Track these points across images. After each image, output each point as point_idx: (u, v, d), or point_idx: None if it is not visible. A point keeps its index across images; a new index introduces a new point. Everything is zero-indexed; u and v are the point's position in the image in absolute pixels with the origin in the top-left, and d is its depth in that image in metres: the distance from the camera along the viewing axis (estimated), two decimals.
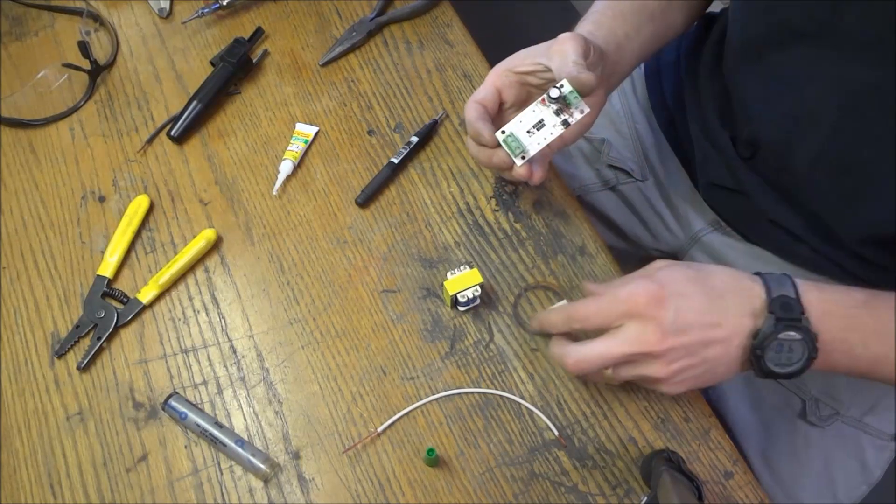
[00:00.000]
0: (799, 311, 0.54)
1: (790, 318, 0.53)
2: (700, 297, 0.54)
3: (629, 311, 0.54)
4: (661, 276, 0.55)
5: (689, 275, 0.55)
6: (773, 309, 0.54)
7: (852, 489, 0.77)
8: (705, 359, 0.55)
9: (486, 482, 0.61)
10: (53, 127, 0.80)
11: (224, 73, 0.79)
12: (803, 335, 0.53)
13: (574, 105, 0.62)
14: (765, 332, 0.54)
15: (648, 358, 0.54)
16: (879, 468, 0.77)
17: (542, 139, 0.62)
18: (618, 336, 0.54)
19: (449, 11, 0.85)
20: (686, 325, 0.53)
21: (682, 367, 0.54)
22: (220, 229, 0.73)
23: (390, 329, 0.68)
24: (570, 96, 0.61)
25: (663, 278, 0.55)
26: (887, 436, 0.76)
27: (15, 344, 0.69)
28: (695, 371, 0.55)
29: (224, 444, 0.62)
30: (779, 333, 0.53)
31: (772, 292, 0.55)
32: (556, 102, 0.62)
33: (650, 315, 0.53)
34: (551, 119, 0.62)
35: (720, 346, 0.54)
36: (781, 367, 0.54)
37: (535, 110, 0.63)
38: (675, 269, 0.56)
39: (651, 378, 0.55)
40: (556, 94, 0.61)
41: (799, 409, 0.76)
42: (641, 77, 0.91)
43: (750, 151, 0.71)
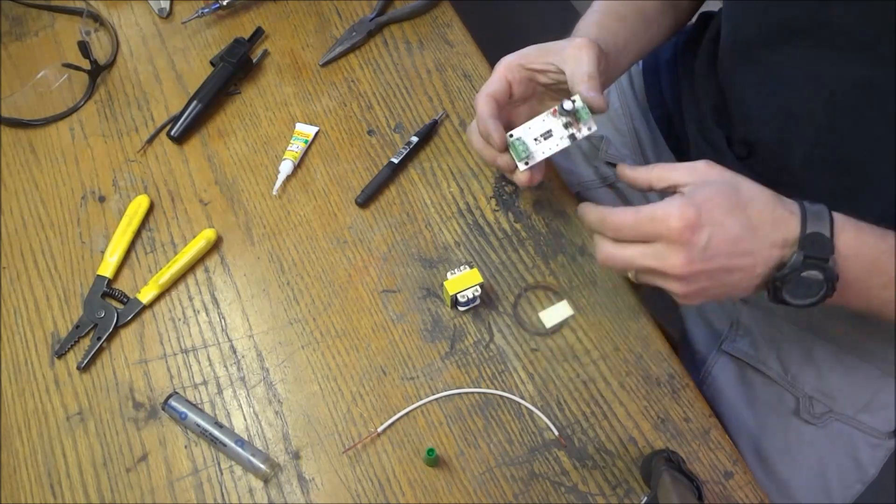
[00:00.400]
0: (829, 251, 0.54)
1: (818, 257, 0.53)
2: (735, 228, 0.54)
3: (662, 233, 0.54)
4: (700, 200, 0.54)
5: (729, 203, 0.55)
6: (803, 245, 0.54)
7: (847, 487, 0.77)
8: (724, 283, 0.55)
9: (486, 482, 0.62)
10: (53, 127, 0.80)
11: (224, 73, 0.79)
12: (825, 276, 0.53)
13: (583, 121, 0.63)
14: (791, 265, 0.54)
15: (670, 277, 0.55)
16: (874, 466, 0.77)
17: (548, 149, 0.63)
18: (648, 250, 0.55)
19: (449, 11, 0.85)
20: (715, 253, 0.53)
21: (701, 287, 0.55)
22: (220, 229, 0.73)
23: (390, 329, 0.68)
24: (581, 112, 0.62)
25: (703, 203, 0.54)
26: (881, 434, 0.76)
27: (15, 344, 0.69)
28: (713, 291, 0.56)
29: (224, 444, 0.62)
30: (803, 271, 0.53)
31: (808, 227, 0.54)
32: (567, 116, 0.63)
33: (683, 240, 0.53)
34: (559, 131, 0.63)
35: (743, 273, 0.55)
36: (796, 298, 0.55)
37: (545, 120, 0.63)
38: (718, 191, 0.55)
39: (670, 291, 0.56)
40: (569, 108, 0.62)
41: (793, 406, 0.76)
42: (640, 75, 0.91)
43: (746, 151, 0.71)
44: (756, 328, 0.78)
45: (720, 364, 0.80)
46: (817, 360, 0.75)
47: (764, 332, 0.77)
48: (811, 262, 0.53)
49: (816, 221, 0.55)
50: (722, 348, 0.79)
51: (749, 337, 0.78)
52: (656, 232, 0.54)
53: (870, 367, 0.74)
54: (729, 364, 0.79)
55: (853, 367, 0.74)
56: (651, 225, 0.54)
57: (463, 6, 0.88)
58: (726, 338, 0.79)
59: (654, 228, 0.54)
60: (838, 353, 0.74)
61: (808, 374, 0.75)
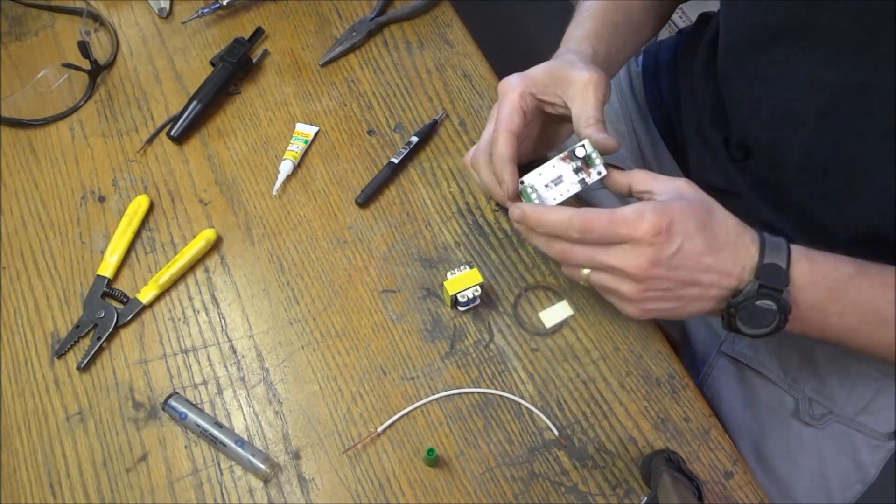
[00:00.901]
0: (784, 283, 0.55)
1: (772, 288, 0.54)
2: (703, 244, 0.54)
3: (633, 235, 0.54)
4: (674, 210, 0.54)
5: (701, 219, 0.55)
6: (759, 275, 0.55)
7: (847, 488, 0.77)
8: (680, 297, 0.56)
9: (486, 482, 0.62)
10: (53, 127, 0.80)
11: (224, 73, 0.79)
12: (778, 306, 0.54)
13: (594, 166, 0.62)
14: (746, 293, 0.55)
15: (628, 277, 0.55)
16: (874, 467, 0.77)
17: (559, 195, 0.63)
18: (612, 249, 0.55)
19: (449, 11, 0.85)
20: (680, 263, 0.54)
21: (655, 296, 0.55)
22: (220, 229, 0.73)
23: (390, 329, 0.68)
24: (592, 157, 0.62)
25: (676, 213, 0.54)
26: (881, 435, 0.76)
27: (15, 344, 0.69)
28: (664, 304, 0.56)
29: (224, 444, 0.62)
30: (757, 300, 0.54)
31: (765, 257, 0.55)
32: (578, 161, 0.63)
33: (654, 242, 0.53)
34: (570, 177, 0.63)
35: (699, 289, 0.55)
36: (750, 328, 0.56)
37: (556, 166, 0.63)
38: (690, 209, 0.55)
39: (621, 294, 0.56)
40: (582, 154, 0.62)
41: (792, 408, 0.76)
42: (639, 76, 0.91)
43: (742, 154, 0.71)
44: None
45: (720, 365, 0.80)
46: (817, 361, 0.75)
47: None
48: (765, 291, 0.54)
49: (774, 253, 0.55)
50: (722, 350, 0.79)
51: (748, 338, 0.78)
52: (627, 234, 0.54)
53: (869, 369, 0.74)
54: (729, 365, 0.79)
55: (852, 369, 0.74)
56: (622, 226, 0.54)
57: (463, 6, 0.88)
58: (726, 339, 0.79)
59: (625, 231, 0.54)
60: (837, 355, 0.74)
61: (808, 376, 0.75)
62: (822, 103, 0.59)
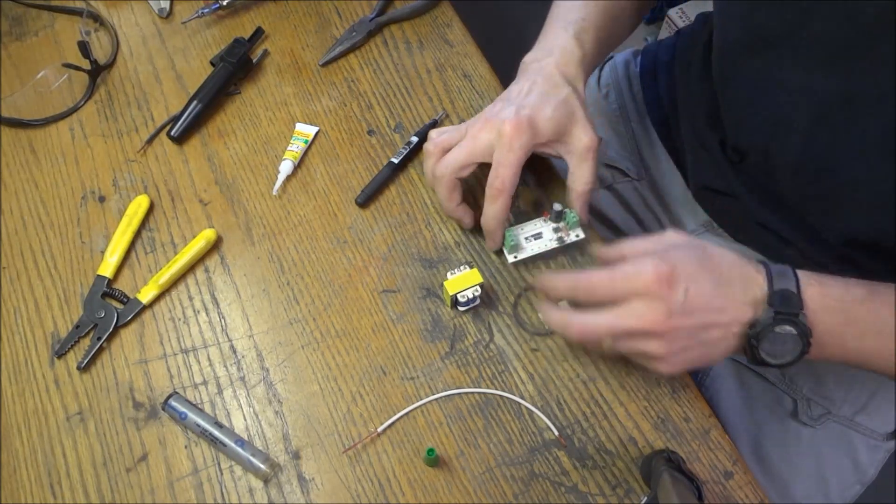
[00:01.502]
0: (798, 307, 0.54)
1: (788, 313, 0.54)
2: (709, 282, 0.54)
3: (638, 289, 0.54)
4: (673, 257, 0.55)
5: (700, 258, 0.55)
6: (772, 301, 0.54)
7: (845, 488, 0.77)
8: (704, 341, 0.55)
9: (486, 482, 0.62)
10: (53, 127, 0.80)
11: (224, 73, 0.79)
12: (799, 330, 0.54)
13: (572, 228, 0.68)
14: (762, 323, 0.54)
15: (651, 336, 0.54)
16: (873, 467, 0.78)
17: (537, 248, 0.68)
18: (625, 310, 0.54)
19: (449, 11, 0.85)
20: (693, 308, 0.54)
21: (681, 346, 0.55)
22: (220, 229, 0.73)
23: (390, 329, 0.68)
24: (570, 220, 0.67)
25: (675, 259, 0.54)
26: (879, 435, 0.76)
27: (15, 344, 0.69)
28: (693, 353, 0.55)
29: (224, 444, 0.62)
30: (775, 327, 0.54)
31: (774, 284, 0.55)
32: (557, 220, 0.68)
33: (659, 294, 0.53)
34: (548, 234, 0.68)
35: (720, 330, 0.55)
36: (774, 357, 0.55)
37: (537, 223, 0.69)
38: (687, 251, 0.56)
39: (649, 355, 0.56)
40: (559, 209, 0.67)
41: (790, 408, 0.76)
42: (638, 77, 0.91)
43: (738, 156, 0.71)
44: None
45: (718, 366, 0.80)
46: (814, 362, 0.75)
47: None
48: (781, 317, 0.54)
49: (782, 279, 0.55)
50: None
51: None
52: (632, 288, 0.54)
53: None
54: (727, 366, 0.79)
55: (850, 369, 0.74)
56: (627, 282, 0.54)
57: (463, 6, 0.88)
58: None
59: (629, 285, 0.54)
60: None
61: (806, 377, 0.76)
62: (814, 109, 0.59)
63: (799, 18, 0.56)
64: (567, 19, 0.70)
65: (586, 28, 0.69)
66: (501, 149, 0.62)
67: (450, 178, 0.65)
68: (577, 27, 0.69)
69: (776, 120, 0.63)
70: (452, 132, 0.66)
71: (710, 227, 0.82)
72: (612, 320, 0.55)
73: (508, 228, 0.68)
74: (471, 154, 0.64)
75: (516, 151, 0.62)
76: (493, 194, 0.63)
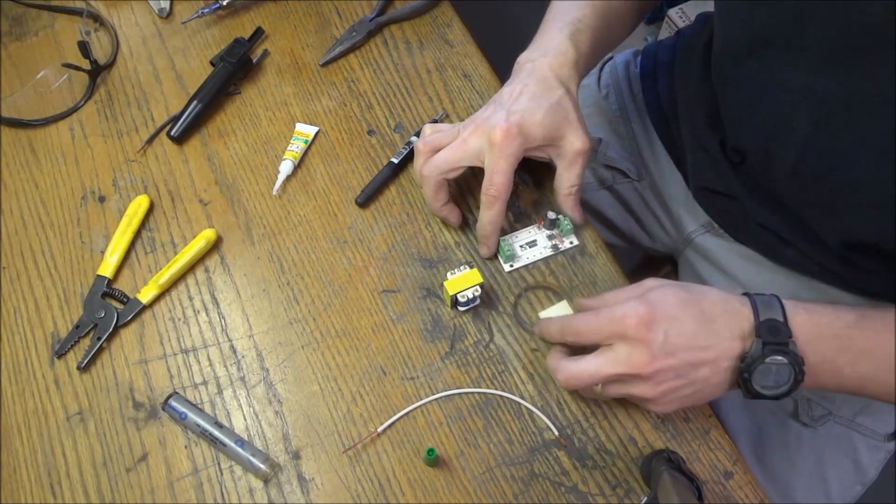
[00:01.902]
0: (786, 335, 0.54)
1: (777, 343, 0.54)
2: (690, 320, 0.54)
3: (620, 332, 0.54)
4: (652, 298, 0.55)
5: (680, 297, 0.55)
6: (760, 333, 0.54)
7: (846, 489, 0.77)
8: (693, 380, 0.55)
9: (486, 482, 0.62)
10: (53, 127, 0.80)
11: (224, 73, 0.79)
12: (790, 359, 0.54)
13: (566, 235, 0.70)
14: (752, 355, 0.54)
15: (637, 379, 0.55)
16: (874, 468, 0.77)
17: (532, 256, 0.70)
18: (608, 355, 0.55)
19: (449, 11, 0.85)
20: (675, 348, 0.54)
21: (670, 388, 0.55)
22: (220, 229, 0.73)
23: (390, 329, 0.68)
24: (564, 228, 0.70)
25: (655, 300, 0.55)
26: (880, 436, 0.76)
27: (15, 344, 0.69)
28: (683, 392, 0.55)
29: (224, 444, 0.62)
30: (766, 357, 0.53)
31: (759, 315, 0.55)
32: (551, 228, 0.69)
33: (640, 337, 0.53)
34: (543, 241, 0.70)
35: (708, 367, 0.55)
36: (769, 389, 0.55)
37: (531, 231, 0.71)
38: (667, 291, 0.56)
39: (639, 398, 0.56)
40: (552, 217, 0.69)
41: (791, 409, 0.76)
42: (638, 77, 0.91)
43: (738, 157, 0.71)
44: None
45: None
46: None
47: None
48: (771, 347, 0.53)
49: (767, 309, 0.55)
50: None
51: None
52: (613, 331, 0.55)
53: None
54: None
55: None
56: (608, 325, 0.55)
57: (463, 6, 0.88)
58: None
59: (611, 328, 0.55)
60: None
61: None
62: (814, 110, 0.59)
63: (799, 20, 0.56)
64: (564, 20, 0.70)
65: (582, 29, 0.69)
66: (492, 156, 0.62)
67: (436, 178, 0.66)
68: (574, 28, 0.69)
69: (776, 121, 0.63)
70: (445, 132, 0.66)
71: (710, 227, 0.82)
72: (597, 366, 0.56)
73: (503, 237, 0.69)
74: (459, 158, 0.65)
75: (507, 158, 0.62)
76: (489, 201, 0.63)
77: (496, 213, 0.64)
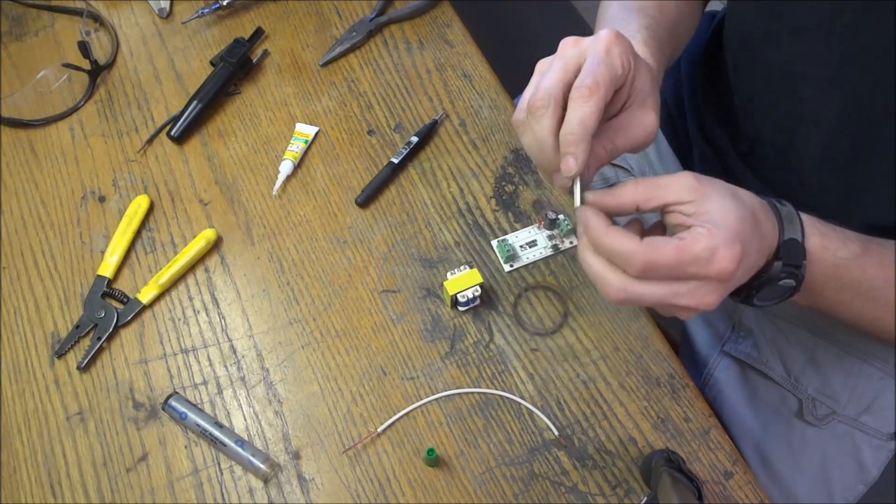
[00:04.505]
0: (802, 257, 0.52)
1: (793, 266, 0.52)
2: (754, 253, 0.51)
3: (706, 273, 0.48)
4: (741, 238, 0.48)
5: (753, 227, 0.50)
6: (781, 254, 0.52)
7: (849, 488, 0.77)
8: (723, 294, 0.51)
9: (486, 482, 0.61)
10: (53, 127, 0.80)
11: (224, 73, 0.79)
12: (797, 282, 0.52)
13: (566, 236, 0.70)
14: (770, 275, 0.52)
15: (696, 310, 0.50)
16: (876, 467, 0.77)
17: (532, 256, 0.70)
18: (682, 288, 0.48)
19: (449, 11, 0.85)
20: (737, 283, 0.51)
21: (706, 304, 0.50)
22: (220, 229, 0.73)
23: (390, 329, 0.68)
24: (564, 228, 0.70)
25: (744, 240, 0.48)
26: (884, 435, 0.76)
27: (15, 344, 0.69)
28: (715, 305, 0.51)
29: (224, 444, 0.62)
30: (779, 281, 0.52)
31: (784, 233, 0.52)
32: (551, 227, 0.69)
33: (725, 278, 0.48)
34: (543, 241, 0.70)
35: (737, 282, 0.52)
36: (764, 301, 0.53)
37: (531, 231, 0.71)
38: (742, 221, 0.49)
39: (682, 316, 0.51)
40: (553, 217, 0.69)
41: (796, 408, 0.76)
42: None
43: (748, 146, 0.70)
44: (758, 330, 0.77)
45: (722, 365, 0.80)
46: (820, 361, 0.75)
47: (766, 334, 0.77)
48: (787, 269, 0.52)
49: (790, 225, 0.53)
50: (724, 350, 0.79)
51: (751, 338, 0.78)
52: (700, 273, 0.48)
53: (871, 369, 0.74)
54: (731, 366, 0.79)
55: (855, 369, 0.74)
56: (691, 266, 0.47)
57: (463, 6, 0.88)
58: (728, 339, 0.79)
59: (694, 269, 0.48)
60: (840, 355, 0.74)
61: (811, 376, 0.75)
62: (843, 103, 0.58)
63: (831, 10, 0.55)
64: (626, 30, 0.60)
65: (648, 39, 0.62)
66: (595, 51, 0.50)
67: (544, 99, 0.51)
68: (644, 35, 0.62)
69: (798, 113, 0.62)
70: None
71: None
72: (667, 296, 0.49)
73: (502, 238, 0.69)
74: (563, 69, 0.51)
75: (613, 57, 0.50)
76: (584, 94, 0.49)
77: (591, 111, 0.49)
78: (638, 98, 0.53)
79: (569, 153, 0.50)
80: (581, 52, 0.51)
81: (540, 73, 0.53)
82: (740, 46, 0.67)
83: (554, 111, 0.50)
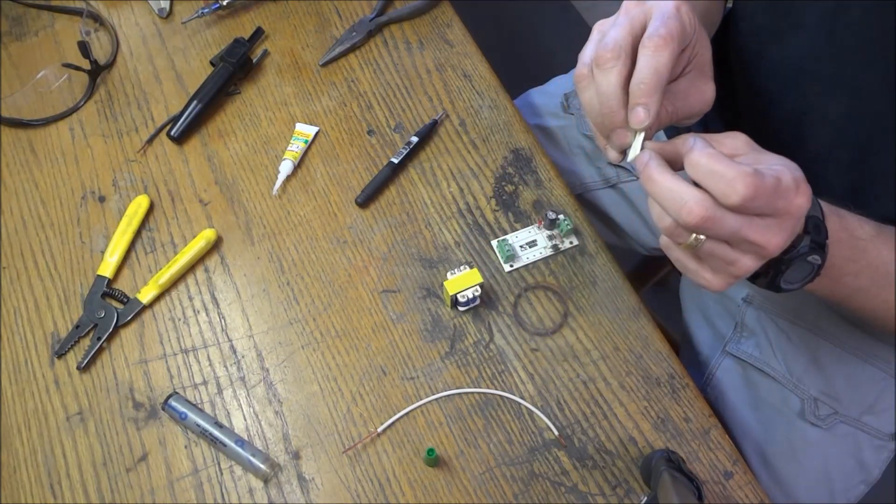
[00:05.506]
0: (825, 235, 0.51)
1: (819, 242, 0.51)
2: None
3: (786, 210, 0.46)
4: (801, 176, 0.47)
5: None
6: (808, 228, 0.50)
7: (850, 488, 0.77)
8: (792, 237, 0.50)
9: (486, 482, 0.61)
10: (53, 127, 0.80)
11: (224, 73, 0.79)
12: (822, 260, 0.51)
13: (566, 236, 0.70)
14: (800, 250, 0.50)
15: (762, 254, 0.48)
16: (878, 468, 0.77)
17: (533, 256, 0.70)
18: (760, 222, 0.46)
19: (449, 11, 0.85)
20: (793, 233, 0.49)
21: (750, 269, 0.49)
22: (220, 229, 0.73)
23: (390, 329, 0.68)
24: (563, 228, 0.69)
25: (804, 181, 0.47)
26: (885, 435, 0.76)
27: (15, 344, 0.69)
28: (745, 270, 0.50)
29: (224, 444, 0.62)
30: (808, 256, 0.50)
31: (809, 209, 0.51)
32: (551, 227, 0.69)
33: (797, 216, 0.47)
34: (543, 241, 0.71)
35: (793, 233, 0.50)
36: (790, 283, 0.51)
37: (531, 231, 0.71)
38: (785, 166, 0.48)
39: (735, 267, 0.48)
40: (552, 217, 0.69)
41: (798, 408, 0.76)
42: None
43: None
44: (760, 330, 0.77)
45: (724, 366, 0.80)
46: (822, 361, 0.75)
47: (769, 334, 0.77)
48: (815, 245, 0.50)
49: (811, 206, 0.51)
50: (726, 350, 0.79)
51: (754, 338, 0.78)
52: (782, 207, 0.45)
53: (874, 369, 0.74)
54: (733, 366, 0.79)
55: (857, 369, 0.74)
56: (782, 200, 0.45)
57: (463, 6, 0.88)
58: (730, 339, 0.79)
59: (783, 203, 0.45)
60: (843, 355, 0.74)
61: (814, 376, 0.75)
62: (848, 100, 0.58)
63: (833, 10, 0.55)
64: None
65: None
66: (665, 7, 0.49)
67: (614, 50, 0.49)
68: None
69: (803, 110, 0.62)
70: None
71: None
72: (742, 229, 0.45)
73: (502, 238, 0.69)
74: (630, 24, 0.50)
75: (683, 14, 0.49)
76: (659, 43, 0.47)
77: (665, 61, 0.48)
78: (697, 65, 0.52)
79: (640, 104, 0.49)
80: (646, 11, 0.50)
81: (600, 31, 0.52)
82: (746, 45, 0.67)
83: (624, 63, 0.49)
